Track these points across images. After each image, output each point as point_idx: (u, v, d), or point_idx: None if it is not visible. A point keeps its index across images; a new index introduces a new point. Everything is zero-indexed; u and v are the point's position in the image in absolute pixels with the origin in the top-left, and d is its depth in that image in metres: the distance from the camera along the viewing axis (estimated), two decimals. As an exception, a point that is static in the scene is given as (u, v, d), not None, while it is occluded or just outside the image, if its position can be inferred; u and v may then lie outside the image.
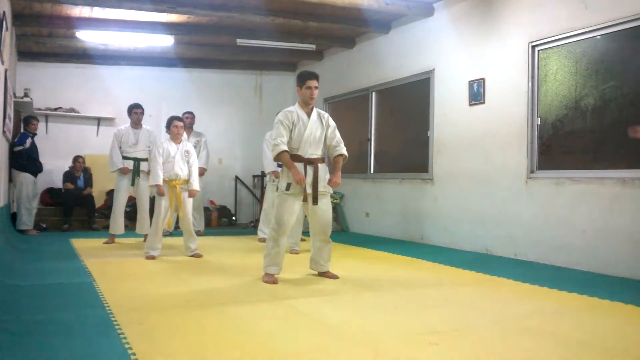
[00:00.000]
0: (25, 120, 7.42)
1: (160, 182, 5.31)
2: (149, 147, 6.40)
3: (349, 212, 8.42)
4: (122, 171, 6.36)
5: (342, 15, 7.09)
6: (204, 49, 8.47)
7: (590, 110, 5.03)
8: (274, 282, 4.13)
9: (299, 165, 4.16)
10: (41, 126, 8.01)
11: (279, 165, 5.33)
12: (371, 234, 7.81)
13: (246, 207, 9.86)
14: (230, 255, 5.64)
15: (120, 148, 6.38)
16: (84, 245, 6.15)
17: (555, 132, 5.37)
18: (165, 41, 7.85)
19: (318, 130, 4.27)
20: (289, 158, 4.13)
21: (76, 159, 8.06)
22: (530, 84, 5.52)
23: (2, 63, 5.34)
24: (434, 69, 6.81)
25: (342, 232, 8.23)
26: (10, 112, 6.60)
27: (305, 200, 4.19)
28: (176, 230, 7.07)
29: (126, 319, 2.97)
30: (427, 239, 6.81)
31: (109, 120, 8.78)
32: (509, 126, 5.71)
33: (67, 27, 7.13)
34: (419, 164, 7.08)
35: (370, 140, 8.10)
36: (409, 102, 7.44)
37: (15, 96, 7.33)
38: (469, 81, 6.22)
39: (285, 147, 4.13)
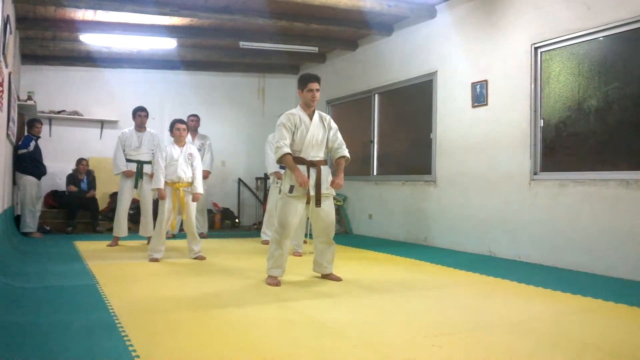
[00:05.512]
0: (29, 123, 7.45)
1: (162, 186, 5.32)
2: (152, 150, 6.42)
3: (352, 214, 8.41)
4: (126, 174, 6.37)
5: (344, 17, 7.09)
6: (207, 51, 8.49)
7: (593, 112, 5.03)
8: (277, 284, 4.14)
9: (302, 168, 4.17)
10: (45, 129, 8.03)
11: (281, 167, 5.34)
12: (374, 236, 7.81)
13: (249, 209, 9.86)
14: (233, 258, 5.64)
15: (124, 151, 6.41)
16: (88, 247, 6.17)
17: (559, 133, 5.36)
18: (168, 44, 7.87)
19: (320, 133, 4.28)
20: (291, 160, 4.14)
21: (79, 161, 8.08)
22: (533, 86, 5.51)
23: (6, 66, 5.36)
24: (436, 71, 6.81)
25: (346, 234, 8.22)
26: (14, 115, 6.62)
27: (308, 202, 4.20)
28: (180, 232, 7.08)
29: (129, 321, 2.97)
30: (430, 240, 6.80)
31: (113, 123, 8.81)
32: (512, 128, 5.71)
33: (70, 31, 7.15)
34: (422, 166, 7.07)
35: (373, 142, 8.10)
36: (412, 104, 7.44)
37: (19, 99, 7.35)
38: (472, 83, 6.21)
39: (288, 150, 4.14)
